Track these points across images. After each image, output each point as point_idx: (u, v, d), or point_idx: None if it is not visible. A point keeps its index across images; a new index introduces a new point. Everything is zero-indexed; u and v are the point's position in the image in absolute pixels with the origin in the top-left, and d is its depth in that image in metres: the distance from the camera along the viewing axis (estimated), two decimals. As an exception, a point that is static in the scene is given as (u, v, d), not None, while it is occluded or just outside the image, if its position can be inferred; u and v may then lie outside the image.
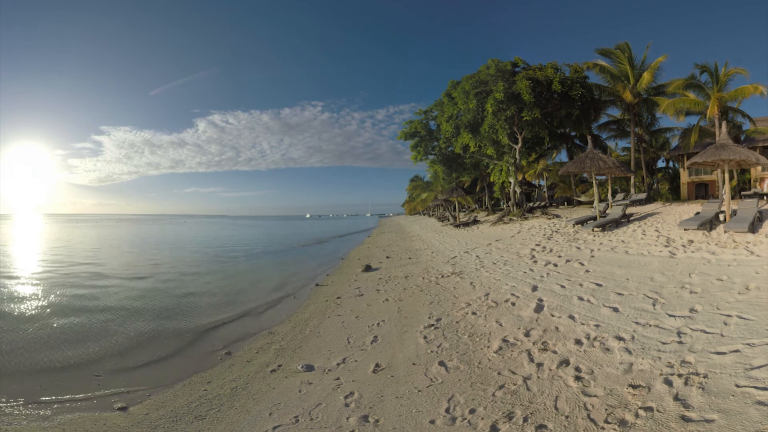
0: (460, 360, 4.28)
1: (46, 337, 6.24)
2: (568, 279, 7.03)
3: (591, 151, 14.42)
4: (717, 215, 10.27)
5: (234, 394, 4.16)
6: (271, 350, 5.51)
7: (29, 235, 36.30)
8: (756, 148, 21.20)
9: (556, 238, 11.73)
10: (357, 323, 6.33)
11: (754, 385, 2.86)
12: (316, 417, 3.45)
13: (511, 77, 19.09)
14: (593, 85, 21.47)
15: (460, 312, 6.07)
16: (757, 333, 3.79)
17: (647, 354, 3.74)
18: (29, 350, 5.68)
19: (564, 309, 5.44)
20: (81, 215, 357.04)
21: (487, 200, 32.87)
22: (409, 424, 3.17)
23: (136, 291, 10.09)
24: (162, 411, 3.84)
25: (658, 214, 13.09)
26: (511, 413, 3.10)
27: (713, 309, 4.62)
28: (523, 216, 19.25)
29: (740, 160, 10.51)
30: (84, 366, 5.16)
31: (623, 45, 21.55)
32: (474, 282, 8.02)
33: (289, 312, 7.76)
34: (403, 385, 3.86)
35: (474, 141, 20.38)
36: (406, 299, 7.45)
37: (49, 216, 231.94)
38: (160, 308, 8.28)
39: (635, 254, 8.25)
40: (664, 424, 2.64)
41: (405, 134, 25.99)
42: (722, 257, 7.00)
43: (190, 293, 9.97)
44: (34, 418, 3.77)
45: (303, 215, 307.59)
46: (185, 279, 12.18)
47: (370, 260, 13.79)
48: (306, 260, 17.86)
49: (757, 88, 17.59)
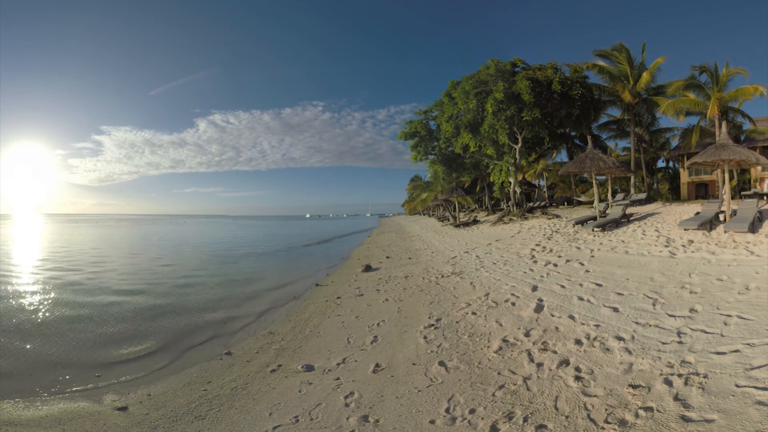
0: (460, 360, 4.28)
1: (46, 337, 6.24)
2: (568, 279, 7.03)
3: (591, 151, 14.42)
4: (717, 215, 10.27)
5: (234, 394, 4.16)
6: (271, 350, 5.51)
7: (29, 236, 36.27)
8: (756, 148, 21.20)
9: (556, 238, 11.73)
10: (357, 323, 6.33)
11: (754, 385, 2.86)
12: (316, 417, 3.45)
13: (511, 77, 19.09)
14: (593, 85, 21.49)
15: (460, 312, 6.06)
16: (757, 333, 3.79)
17: (647, 354, 3.74)
18: (29, 349, 5.69)
19: (564, 309, 5.44)
20: (81, 215, 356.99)
21: (487, 200, 32.86)
22: (409, 424, 3.17)
23: (136, 291, 10.08)
24: (162, 411, 3.84)
25: (658, 214, 13.08)
26: (511, 413, 3.10)
27: (713, 309, 4.62)
28: (523, 216, 19.24)
29: (740, 160, 10.51)
30: (83, 365, 5.16)
31: (619, 46, 21.59)
32: (474, 282, 8.02)
33: (289, 312, 7.75)
34: (403, 385, 3.86)
35: (474, 141, 20.38)
36: (406, 299, 7.45)
37: (49, 216, 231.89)
38: (160, 308, 8.28)
39: (635, 254, 8.25)
40: (664, 424, 2.64)
41: (405, 134, 25.99)
42: (722, 257, 7.00)
43: (190, 293, 9.96)
44: (33, 418, 3.76)
45: (303, 215, 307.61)
46: (185, 279, 12.18)
47: (370, 260, 13.79)
48: (306, 260, 17.86)
49: (757, 89, 17.59)
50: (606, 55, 22.01)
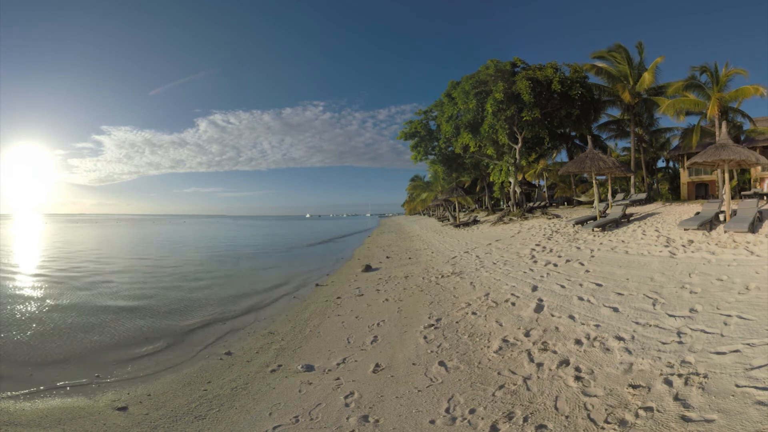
0: (460, 360, 4.28)
1: (45, 337, 6.24)
2: (568, 279, 7.03)
3: (591, 151, 14.42)
4: (717, 215, 10.27)
5: (234, 394, 4.16)
6: (271, 350, 5.51)
7: (29, 236, 36.26)
8: (756, 148, 21.20)
9: (556, 238, 11.73)
10: (357, 323, 6.33)
11: (754, 385, 2.86)
12: (316, 417, 3.45)
13: (511, 77, 19.09)
14: (593, 85, 21.50)
15: (460, 312, 6.06)
16: (757, 333, 3.79)
17: (647, 354, 3.74)
18: (29, 350, 5.68)
19: (564, 309, 5.44)
20: (81, 215, 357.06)
21: (487, 200, 32.87)
22: (409, 424, 3.17)
23: (135, 291, 10.08)
24: (162, 411, 3.84)
25: (658, 214, 13.08)
26: (511, 413, 3.10)
27: (713, 309, 4.62)
28: (523, 216, 19.25)
29: (740, 160, 10.51)
30: (83, 365, 5.15)
31: (617, 46, 21.60)
32: (474, 282, 8.02)
33: (289, 312, 7.75)
34: (403, 385, 3.86)
35: (474, 141, 20.39)
36: (406, 299, 7.45)
37: (49, 216, 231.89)
38: (160, 308, 8.27)
39: (635, 254, 8.25)
40: (664, 424, 2.64)
41: (405, 134, 25.99)
42: (722, 257, 7.00)
43: (190, 293, 9.96)
44: (33, 418, 3.76)
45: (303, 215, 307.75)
46: (185, 278, 12.17)
47: (370, 260, 13.79)
48: (306, 260, 17.85)
49: (757, 90, 17.60)
50: (604, 57, 22.02)
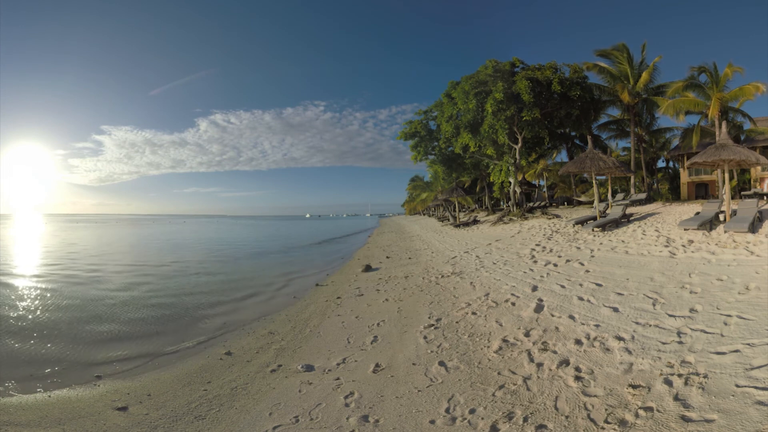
0: (460, 360, 4.28)
1: (45, 337, 6.24)
2: (568, 279, 7.03)
3: (591, 151, 14.42)
4: (717, 215, 10.27)
5: (234, 394, 4.16)
6: (271, 350, 5.51)
7: (29, 236, 36.26)
8: (756, 148, 21.17)
9: (556, 238, 11.73)
10: (357, 323, 6.33)
11: (754, 385, 2.86)
12: (316, 417, 3.45)
13: (511, 77, 19.09)
14: (593, 85, 21.50)
15: (460, 312, 6.06)
16: (757, 333, 3.78)
17: (647, 354, 3.74)
18: (29, 349, 5.69)
19: (564, 309, 5.44)
20: (81, 215, 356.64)
21: (487, 200, 32.85)
22: (409, 424, 3.17)
23: (135, 291, 10.08)
24: (162, 411, 3.84)
25: (658, 214, 13.08)
26: (511, 413, 3.10)
27: (713, 309, 4.62)
28: (523, 216, 19.24)
29: (740, 160, 10.50)
30: (83, 365, 5.16)
31: (621, 46, 21.60)
32: (474, 282, 8.02)
33: (289, 312, 7.75)
34: (403, 385, 3.86)
35: (474, 141, 20.38)
36: (406, 299, 7.45)
37: (49, 216, 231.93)
38: (160, 308, 8.28)
39: (635, 254, 8.25)
40: (664, 424, 2.64)
41: (405, 134, 26.01)
42: (722, 257, 7.00)
43: (190, 293, 9.96)
44: (33, 418, 3.76)
45: (303, 215, 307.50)
46: (185, 278, 12.18)
47: (370, 260, 13.79)
48: (306, 260, 17.84)
49: (758, 87, 17.56)
50: (607, 55, 22.01)
